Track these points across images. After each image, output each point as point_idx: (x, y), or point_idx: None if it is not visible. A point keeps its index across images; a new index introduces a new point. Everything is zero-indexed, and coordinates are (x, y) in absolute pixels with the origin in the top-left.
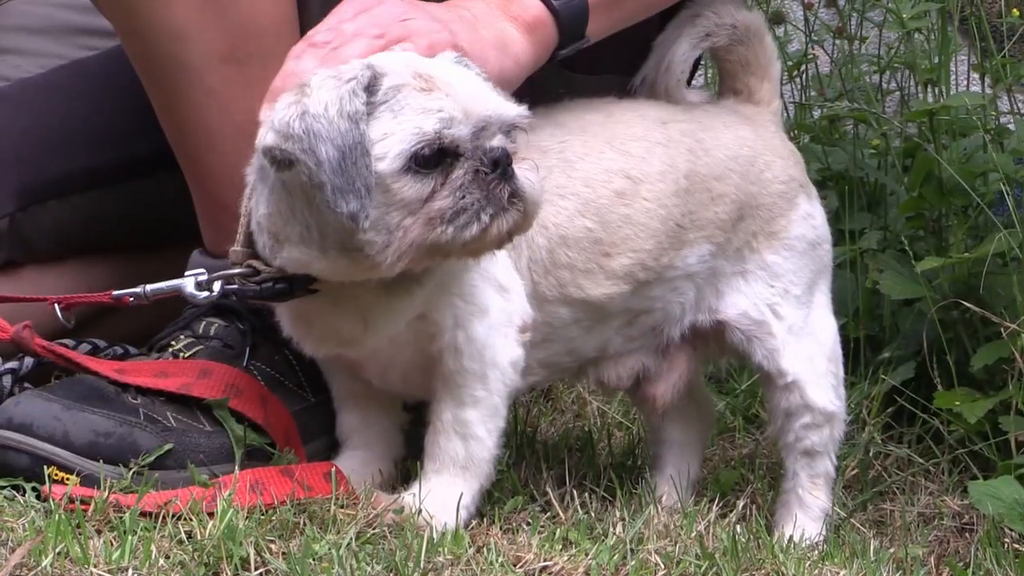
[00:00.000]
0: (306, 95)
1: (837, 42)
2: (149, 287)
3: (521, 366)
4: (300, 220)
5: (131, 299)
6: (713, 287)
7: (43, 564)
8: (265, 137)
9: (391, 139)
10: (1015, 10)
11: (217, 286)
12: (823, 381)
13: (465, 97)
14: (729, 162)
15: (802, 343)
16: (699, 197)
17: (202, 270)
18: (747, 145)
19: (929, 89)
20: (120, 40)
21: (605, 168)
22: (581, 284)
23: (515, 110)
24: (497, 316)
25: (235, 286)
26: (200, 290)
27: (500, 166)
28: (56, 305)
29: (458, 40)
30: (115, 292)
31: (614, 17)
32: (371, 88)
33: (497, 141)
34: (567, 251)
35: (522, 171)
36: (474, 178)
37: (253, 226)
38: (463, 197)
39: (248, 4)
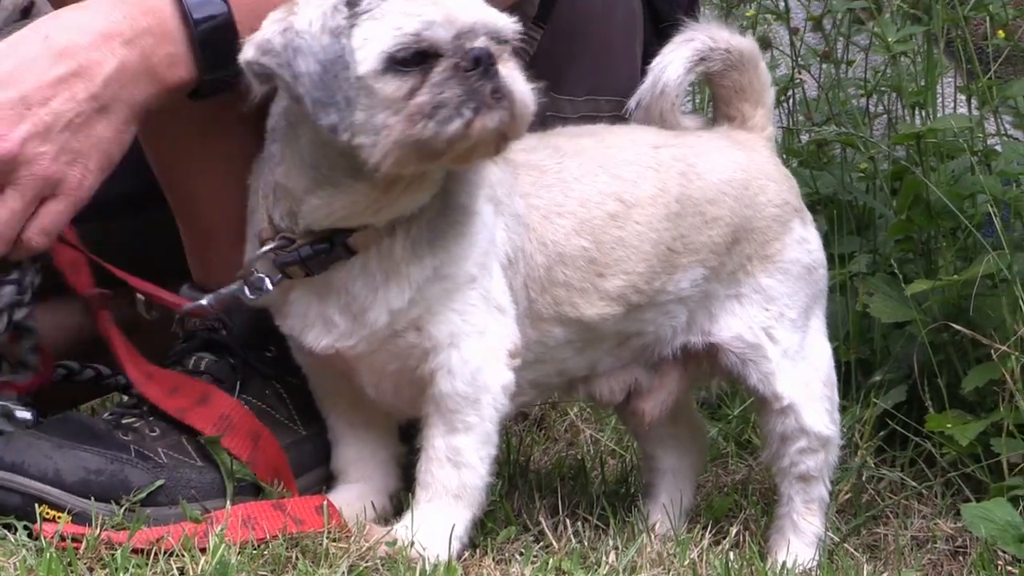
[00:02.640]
0: (293, 12)
1: (824, 66)
2: (210, 296)
3: (512, 391)
4: (310, 162)
5: (195, 309)
6: (706, 310)
7: None
8: (246, 52)
9: (371, 42)
10: (1000, 32)
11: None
12: (819, 406)
13: (451, 5)
14: (723, 186)
15: (798, 367)
16: (692, 221)
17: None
18: (741, 169)
19: (916, 112)
20: None
21: (599, 190)
22: (576, 303)
23: (503, 20)
24: (492, 338)
25: (287, 256)
26: (252, 291)
27: (481, 64)
28: (139, 296)
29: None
30: (185, 305)
31: None
32: (354, 2)
33: (480, 43)
34: (564, 269)
35: (510, 72)
36: (454, 75)
37: (271, 210)
38: (442, 92)
39: None
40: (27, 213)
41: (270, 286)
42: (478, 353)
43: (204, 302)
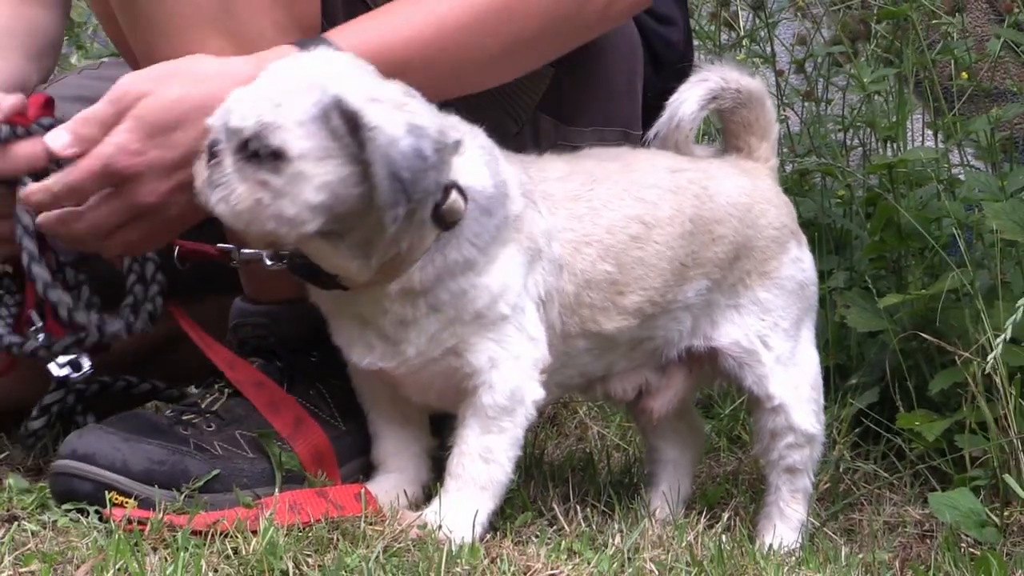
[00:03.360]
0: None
1: (806, 104)
2: (243, 251)
3: (541, 404)
4: None
5: (231, 258)
6: (709, 317)
7: None
8: None
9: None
10: (964, 74)
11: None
12: (806, 407)
13: (240, 103)
14: (729, 208)
15: (789, 372)
16: (701, 238)
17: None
18: (746, 194)
19: (888, 145)
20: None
21: (624, 214)
22: (598, 320)
23: (236, 123)
24: (527, 362)
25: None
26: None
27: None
28: (176, 250)
29: None
30: (220, 245)
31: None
32: None
33: (214, 136)
34: (589, 293)
35: (233, 176)
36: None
37: None
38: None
39: None
40: (119, 224)
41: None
42: (516, 374)
43: (231, 247)
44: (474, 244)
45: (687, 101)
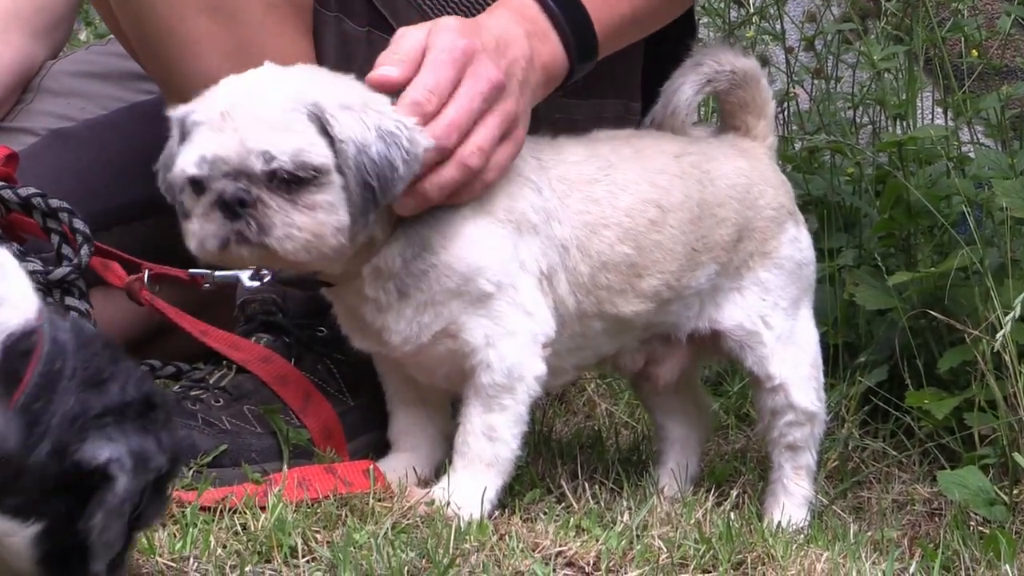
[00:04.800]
0: None
1: (815, 82)
2: (217, 272)
3: (544, 379)
4: None
5: (204, 281)
6: (714, 301)
7: None
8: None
9: (179, 163)
10: (974, 51)
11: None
12: (806, 384)
13: (242, 132)
14: (729, 190)
15: (788, 350)
16: (708, 223)
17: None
18: (744, 175)
19: (898, 122)
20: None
21: (641, 199)
22: (615, 302)
23: (279, 153)
24: (524, 337)
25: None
26: (252, 279)
27: (227, 207)
28: (145, 272)
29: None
30: (191, 271)
31: (615, 46)
32: (185, 123)
33: (229, 187)
34: (607, 274)
35: (278, 207)
36: (211, 210)
37: None
38: (203, 223)
39: None
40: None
41: (247, 282)
42: (513, 350)
43: (209, 272)
44: (431, 225)
45: (682, 87)
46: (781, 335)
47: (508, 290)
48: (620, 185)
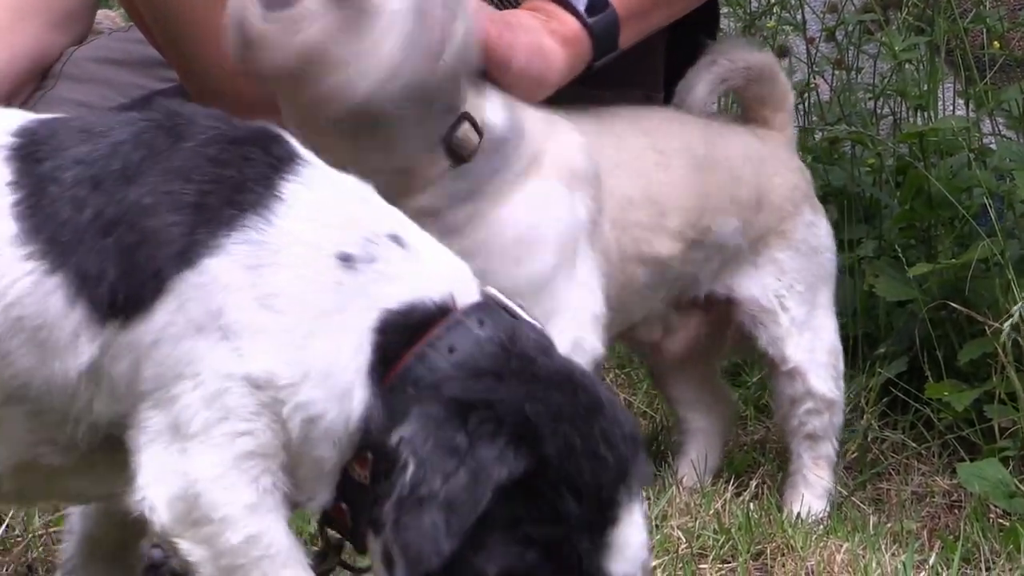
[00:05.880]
0: None
1: (836, 72)
2: None
3: (600, 360)
4: None
5: None
6: (733, 267)
7: None
8: None
9: None
10: (996, 43)
11: None
12: (823, 372)
13: None
14: (743, 156)
15: (804, 335)
16: (721, 176)
17: None
18: (757, 149)
19: (919, 113)
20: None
21: (640, 145)
22: (651, 241)
23: None
24: (584, 316)
25: None
26: None
27: None
28: None
29: (490, 29)
30: None
31: (641, 28)
32: None
33: None
34: (633, 211)
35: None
36: None
37: None
38: None
39: None
40: None
41: None
42: (572, 330)
43: None
44: (488, 178)
45: (696, 87)
46: (796, 318)
47: (565, 266)
48: (619, 134)
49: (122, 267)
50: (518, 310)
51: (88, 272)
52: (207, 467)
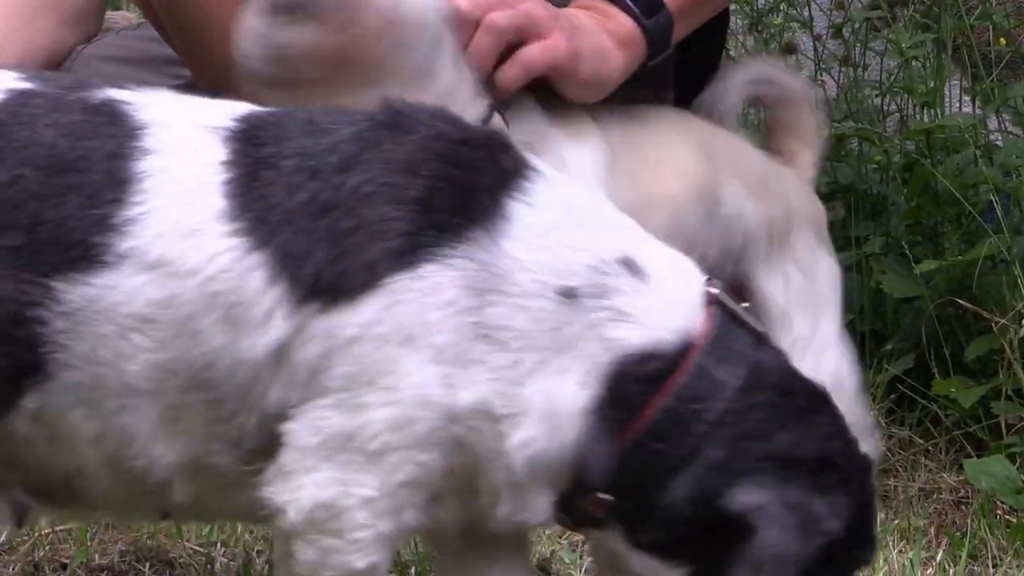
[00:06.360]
0: None
1: (843, 69)
2: None
3: None
4: None
5: None
6: (751, 252)
7: (142, 539)
8: None
9: None
10: (1002, 39)
11: None
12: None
13: None
14: (753, 156)
15: (807, 356)
16: (723, 147)
17: None
18: (767, 165)
19: (925, 110)
20: None
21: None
22: None
23: None
24: None
25: None
26: None
27: None
28: None
29: (560, 37)
30: None
31: (687, 27)
32: None
33: None
34: None
35: None
36: None
37: None
38: None
39: None
40: None
41: None
42: None
43: None
44: None
45: (726, 94)
46: (799, 339)
47: None
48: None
49: (332, 250)
50: (746, 316)
51: (294, 251)
52: (368, 489)
